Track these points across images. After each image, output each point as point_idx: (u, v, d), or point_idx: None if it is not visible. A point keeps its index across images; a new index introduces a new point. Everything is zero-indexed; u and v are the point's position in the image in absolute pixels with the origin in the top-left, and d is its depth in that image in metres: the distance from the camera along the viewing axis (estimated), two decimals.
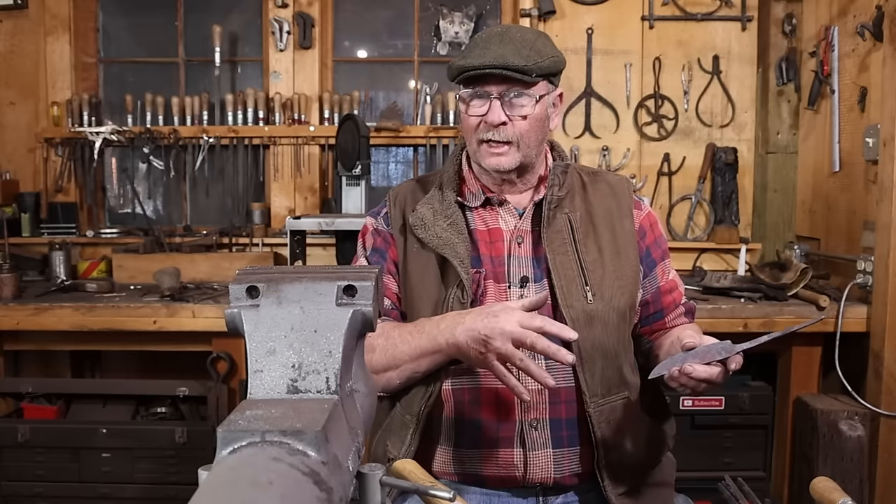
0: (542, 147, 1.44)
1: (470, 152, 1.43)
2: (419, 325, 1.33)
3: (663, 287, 1.48)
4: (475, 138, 1.38)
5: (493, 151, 1.36)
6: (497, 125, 1.34)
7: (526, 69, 1.31)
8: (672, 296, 1.48)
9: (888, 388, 2.37)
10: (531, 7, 3.16)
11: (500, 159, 1.37)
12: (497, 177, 1.41)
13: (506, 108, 1.34)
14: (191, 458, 2.54)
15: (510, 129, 1.35)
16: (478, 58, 1.32)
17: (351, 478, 0.62)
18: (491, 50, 1.32)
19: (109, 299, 2.61)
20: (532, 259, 1.41)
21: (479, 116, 1.36)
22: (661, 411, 1.47)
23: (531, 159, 1.41)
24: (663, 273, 1.48)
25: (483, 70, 1.31)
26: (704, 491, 2.05)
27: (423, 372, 1.33)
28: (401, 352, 1.31)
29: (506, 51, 1.31)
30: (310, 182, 3.33)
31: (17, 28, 3.29)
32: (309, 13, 3.28)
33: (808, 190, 3.04)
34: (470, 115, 1.37)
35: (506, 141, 1.35)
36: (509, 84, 1.33)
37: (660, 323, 1.48)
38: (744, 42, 3.20)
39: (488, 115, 1.34)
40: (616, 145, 3.24)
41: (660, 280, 1.47)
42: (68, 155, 3.28)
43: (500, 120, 1.34)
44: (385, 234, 1.49)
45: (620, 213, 1.46)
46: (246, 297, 0.66)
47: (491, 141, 1.35)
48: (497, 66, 1.30)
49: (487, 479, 1.36)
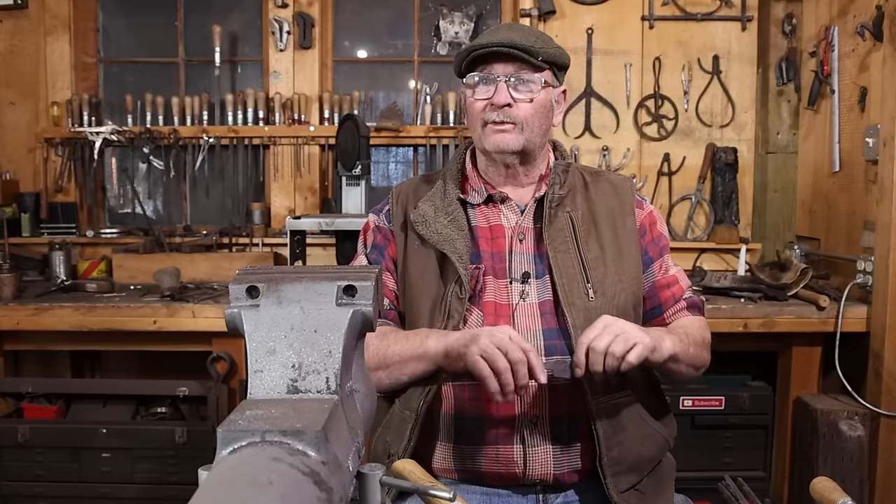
0: (545, 138, 1.45)
1: (475, 138, 1.44)
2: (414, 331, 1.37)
3: (660, 282, 1.47)
4: (480, 120, 1.40)
5: (497, 129, 1.38)
6: (502, 106, 1.37)
7: (533, 50, 1.35)
8: (671, 290, 1.47)
9: (888, 388, 2.37)
10: (531, 7, 3.16)
11: (504, 136, 1.38)
12: (500, 160, 1.42)
13: (511, 91, 1.37)
14: (191, 458, 2.54)
15: (515, 111, 1.38)
16: (486, 38, 1.38)
17: (351, 478, 0.62)
18: (499, 34, 1.38)
19: (109, 299, 2.61)
20: (534, 255, 1.42)
21: (485, 100, 1.39)
22: (661, 410, 1.47)
23: (534, 146, 1.42)
24: (661, 268, 1.48)
25: (491, 48, 1.35)
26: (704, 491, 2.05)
27: (408, 377, 1.36)
28: (392, 352, 1.34)
29: (513, 34, 1.37)
30: (310, 182, 3.33)
31: (17, 28, 3.29)
32: (309, 13, 3.28)
33: (808, 190, 3.04)
34: (476, 98, 1.40)
35: (510, 121, 1.38)
36: (516, 66, 1.37)
37: (658, 319, 1.47)
38: (744, 42, 3.20)
39: (494, 96, 1.37)
40: (616, 145, 3.24)
41: (657, 275, 1.47)
42: (68, 155, 3.28)
43: (505, 100, 1.36)
44: (386, 230, 1.50)
45: (623, 212, 1.46)
46: (246, 297, 0.66)
47: (496, 121, 1.38)
48: (505, 44, 1.35)
49: (487, 476, 1.36)
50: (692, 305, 1.47)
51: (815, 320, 2.48)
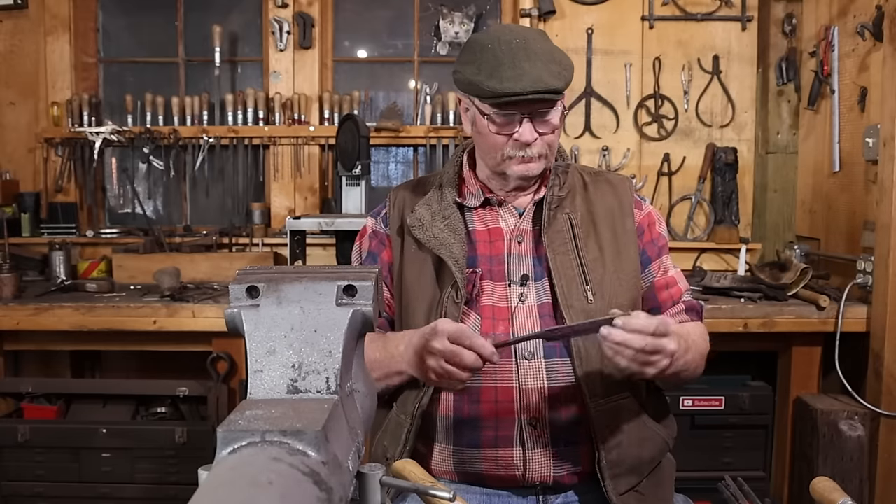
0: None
1: (490, 165, 1.41)
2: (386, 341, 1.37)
3: (658, 283, 1.45)
4: (501, 153, 1.36)
5: (522, 162, 1.36)
6: (529, 144, 1.34)
7: (560, 89, 1.31)
8: (669, 292, 1.45)
9: (888, 388, 2.37)
10: (531, 7, 3.16)
11: (530, 166, 1.37)
12: (518, 182, 1.41)
13: (535, 126, 1.34)
14: (191, 458, 2.54)
15: (540, 145, 1.35)
16: (513, 81, 1.28)
17: (351, 478, 0.62)
18: (524, 70, 1.28)
19: (109, 299, 2.61)
20: (533, 258, 1.41)
21: (507, 135, 1.34)
22: (661, 411, 1.47)
23: (551, 164, 1.42)
24: (659, 269, 1.46)
25: (525, 95, 1.28)
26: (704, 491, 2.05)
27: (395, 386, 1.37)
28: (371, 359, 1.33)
29: (540, 72, 1.28)
30: (310, 182, 3.33)
31: (17, 28, 3.29)
32: (309, 13, 3.28)
33: (808, 190, 3.04)
34: (498, 132, 1.35)
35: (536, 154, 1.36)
36: (541, 103, 1.32)
37: None
38: (744, 42, 3.20)
39: (521, 134, 1.33)
40: (616, 145, 3.24)
41: (655, 275, 1.46)
42: (68, 155, 3.28)
43: (532, 139, 1.34)
44: (382, 235, 1.50)
45: (622, 212, 1.46)
46: (246, 297, 0.66)
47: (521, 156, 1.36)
48: (539, 91, 1.27)
49: (487, 478, 1.36)
50: (691, 309, 1.45)
51: (815, 320, 2.48)
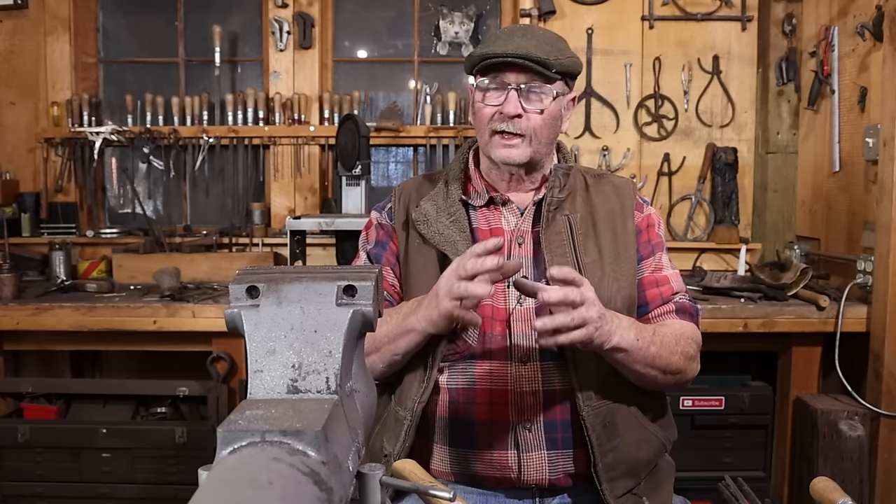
0: (552, 146, 1.44)
1: (481, 144, 1.43)
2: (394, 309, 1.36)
3: (647, 279, 1.42)
4: (488, 128, 1.38)
5: (504, 143, 1.37)
6: (512, 117, 1.35)
7: (547, 62, 1.32)
8: (659, 289, 1.42)
9: (888, 388, 2.37)
10: (531, 7, 3.16)
11: (511, 151, 1.37)
12: (506, 170, 1.41)
13: (523, 101, 1.35)
14: (191, 458, 2.54)
15: (524, 123, 1.35)
16: (500, 47, 1.33)
17: (351, 478, 0.62)
18: (514, 41, 1.34)
19: (109, 299, 2.61)
20: (532, 259, 1.41)
21: (494, 107, 1.36)
22: (659, 413, 1.45)
23: (541, 156, 1.41)
24: (650, 266, 1.44)
25: (505, 58, 1.32)
26: (704, 491, 2.05)
27: (402, 353, 1.33)
28: (381, 333, 1.32)
29: (528, 43, 1.34)
30: (310, 182, 3.33)
31: (17, 28, 3.29)
32: (309, 13, 3.28)
33: (808, 190, 3.04)
34: (486, 104, 1.37)
35: (519, 133, 1.36)
36: (529, 76, 1.34)
37: (644, 318, 1.41)
38: (744, 42, 3.20)
39: (505, 105, 1.35)
40: (616, 145, 3.24)
41: (645, 272, 1.43)
42: (68, 155, 3.28)
43: (516, 111, 1.34)
44: (388, 227, 1.50)
45: (623, 214, 1.45)
46: (246, 297, 0.66)
47: (504, 132, 1.36)
48: (520, 55, 1.32)
49: (483, 479, 1.36)
50: (681, 310, 1.41)
51: (815, 320, 2.48)
